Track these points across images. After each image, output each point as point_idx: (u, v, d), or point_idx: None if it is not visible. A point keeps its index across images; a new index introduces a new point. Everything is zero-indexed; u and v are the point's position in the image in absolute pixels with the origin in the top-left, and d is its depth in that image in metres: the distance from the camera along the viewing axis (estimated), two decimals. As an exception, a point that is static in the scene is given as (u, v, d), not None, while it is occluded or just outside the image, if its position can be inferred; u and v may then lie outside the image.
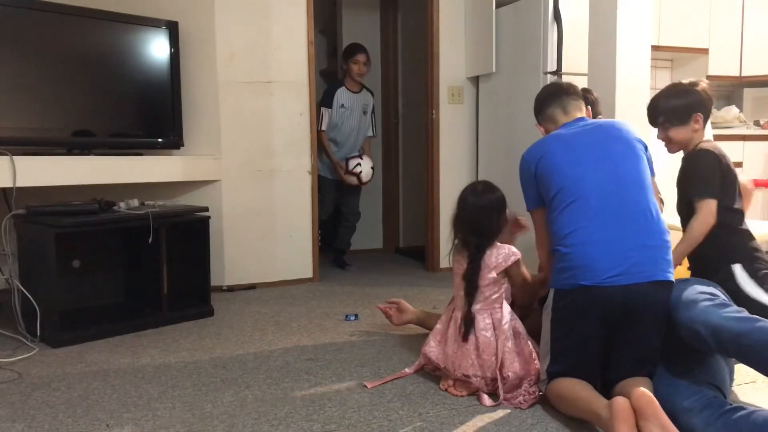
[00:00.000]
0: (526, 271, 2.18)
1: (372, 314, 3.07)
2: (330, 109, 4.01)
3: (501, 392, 1.99)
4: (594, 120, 2.18)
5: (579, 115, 2.15)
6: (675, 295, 1.87)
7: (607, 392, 1.85)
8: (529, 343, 2.10)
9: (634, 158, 1.98)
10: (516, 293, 2.22)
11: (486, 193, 2.18)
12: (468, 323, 2.10)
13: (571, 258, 1.88)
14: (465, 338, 2.09)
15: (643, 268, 1.83)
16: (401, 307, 2.68)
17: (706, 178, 2.12)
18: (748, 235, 2.17)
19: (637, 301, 1.82)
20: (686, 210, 2.21)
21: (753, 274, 2.08)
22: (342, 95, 4.04)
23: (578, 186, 1.93)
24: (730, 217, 2.15)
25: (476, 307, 2.12)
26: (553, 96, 2.18)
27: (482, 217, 2.13)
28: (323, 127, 3.99)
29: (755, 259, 2.11)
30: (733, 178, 2.18)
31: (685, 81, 2.29)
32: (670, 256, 1.91)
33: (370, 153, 4.30)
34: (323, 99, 4.03)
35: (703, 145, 2.21)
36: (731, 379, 1.96)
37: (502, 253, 2.13)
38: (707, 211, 2.10)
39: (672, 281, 1.89)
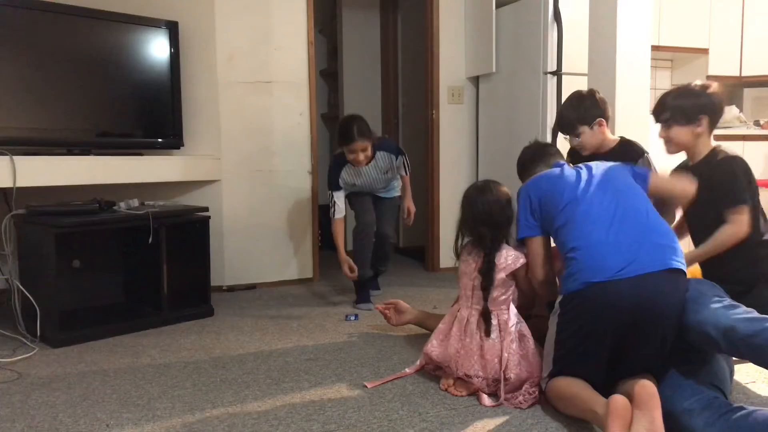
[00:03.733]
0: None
1: (372, 314, 3.07)
2: (339, 191, 3.26)
3: (502, 393, 1.99)
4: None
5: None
6: None
7: (609, 391, 1.84)
8: (534, 346, 2.10)
9: (628, 178, 2.06)
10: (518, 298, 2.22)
11: (491, 187, 2.22)
12: (487, 319, 2.10)
13: (578, 261, 1.87)
14: (487, 334, 2.08)
15: (652, 257, 1.82)
16: (399, 308, 2.68)
17: (738, 186, 2.12)
18: None
19: (649, 291, 1.78)
20: (712, 219, 2.18)
21: None
22: (349, 172, 3.24)
23: (585, 199, 1.97)
24: (753, 227, 2.15)
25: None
26: (540, 157, 2.31)
27: (494, 209, 2.16)
28: (337, 215, 3.25)
29: None
30: (756, 186, 2.17)
31: (698, 82, 2.25)
32: (679, 248, 1.89)
33: (409, 194, 3.50)
34: (330, 182, 3.26)
35: (728, 151, 2.20)
36: (732, 379, 1.96)
37: (512, 255, 2.14)
38: (741, 222, 2.10)
39: (683, 270, 1.86)
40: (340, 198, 3.26)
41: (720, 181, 2.14)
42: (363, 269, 3.32)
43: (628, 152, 2.42)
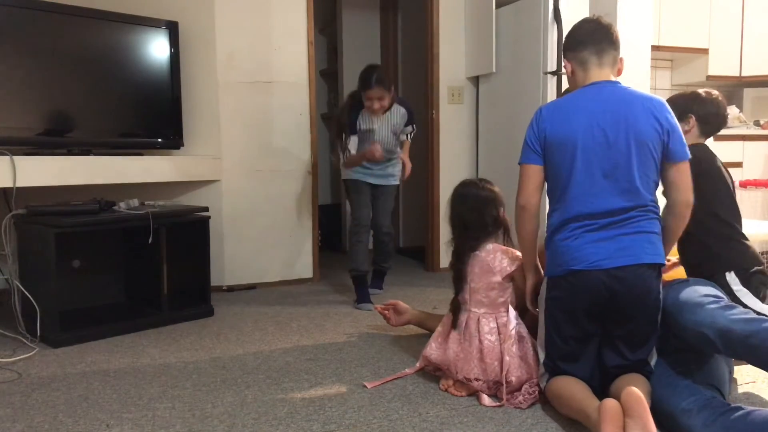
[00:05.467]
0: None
1: (372, 314, 3.07)
2: (355, 136, 3.24)
3: (504, 396, 1.99)
4: (624, 93, 1.96)
5: (610, 72, 2.00)
6: (677, 298, 1.87)
7: (604, 388, 1.86)
8: (532, 346, 2.10)
9: (646, 164, 1.90)
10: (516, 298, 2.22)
11: (470, 186, 2.23)
12: (456, 311, 2.15)
13: (561, 248, 1.90)
14: (454, 326, 2.14)
15: (628, 252, 1.84)
16: (399, 309, 2.68)
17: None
18: (743, 245, 2.16)
19: (622, 282, 1.82)
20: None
21: (746, 282, 2.09)
22: (365, 119, 3.26)
23: (575, 182, 1.91)
24: (719, 226, 2.15)
25: (481, 311, 2.13)
26: (594, 40, 1.99)
27: (463, 210, 2.17)
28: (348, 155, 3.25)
29: (750, 268, 2.11)
30: (724, 184, 2.18)
31: (703, 90, 2.31)
32: (658, 242, 1.90)
33: (407, 151, 3.49)
34: (346, 126, 3.25)
35: (697, 142, 2.23)
36: (731, 380, 1.96)
37: (507, 258, 2.14)
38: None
39: (660, 263, 1.88)
40: (353, 145, 3.20)
41: None
42: (359, 267, 3.33)
43: None
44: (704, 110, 2.27)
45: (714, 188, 2.17)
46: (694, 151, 2.11)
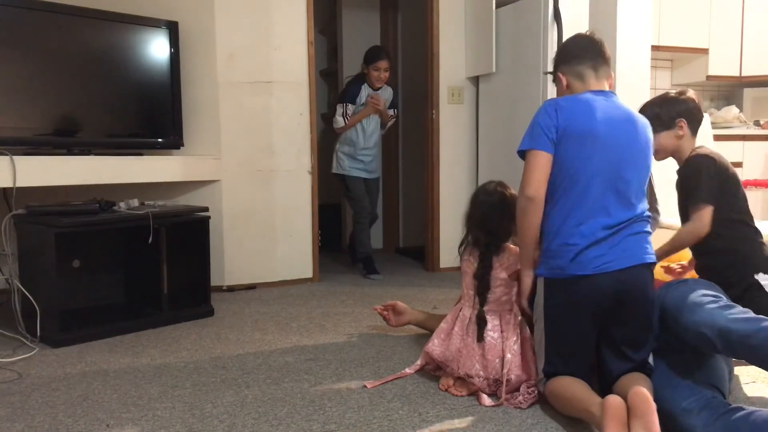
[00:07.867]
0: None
1: (372, 314, 3.07)
2: (354, 106, 3.97)
3: (503, 394, 1.99)
4: (624, 106, 2.01)
5: (607, 85, 2.03)
6: (676, 298, 1.86)
7: (606, 391, 1.85)
8: (532, 346, 2.10)
9: (643, 172, 1.96)
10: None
11: (498, 192, 2.18)
12: (481, 324, 2.10)
13: (564, 251, 1.88)
14: (479, 339, 2.08)
15: (629, 253, 1.86)
16: (398, 309, 2.68)
17: (701, 184, 2.12)
18: (762, 243, 2.15)
19: (627, 284, 1.85)
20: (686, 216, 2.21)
21: None
22: (365, 93, 3.99)
23: (585, 179, 1.90)
24: (736, 227, 2.15)
25: (485, 307, 2.12)
26: (590, 55, 2.02)
27: (493, 216, 2.14)
28: (345, 122, 3.97)
29: None
30: (737, 185, 2.17)
31: (673, 91, 2.34)
32: (651, 242, 1.94)
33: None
34: (347, 95, 3.99)
35: (700, 151, 2.22)
36: (731, 379, 1.96)
37: (514, 255, 2.13)
38: (701, 220, 2.09)
39: (655, 262, 1.93)
40: (351, 111, 3.95)
41: (686, 178, 2.17)
42: (365, 248, 4.07)
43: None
44: (686, 107, 2.26)
45: (736, 192, 2.17)
46: (710, 163, 2.13)
